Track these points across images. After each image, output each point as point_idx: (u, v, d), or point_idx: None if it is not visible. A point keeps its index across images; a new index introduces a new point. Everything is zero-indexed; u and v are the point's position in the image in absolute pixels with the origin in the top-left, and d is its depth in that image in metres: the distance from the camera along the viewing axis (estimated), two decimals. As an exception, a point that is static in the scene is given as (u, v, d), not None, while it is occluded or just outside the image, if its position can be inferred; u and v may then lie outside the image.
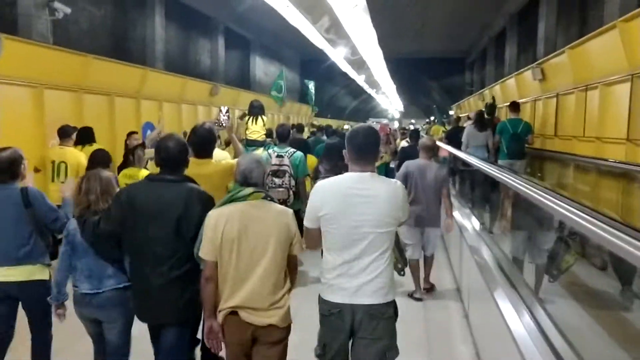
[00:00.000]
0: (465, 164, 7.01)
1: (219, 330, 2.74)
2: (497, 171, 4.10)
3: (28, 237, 3.38)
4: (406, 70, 29.04)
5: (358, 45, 16.43)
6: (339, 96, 30.77)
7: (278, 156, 5.66)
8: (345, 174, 2.68)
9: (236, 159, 3.55)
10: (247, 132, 7.58)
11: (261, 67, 23.47)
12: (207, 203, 2.89)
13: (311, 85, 16.30)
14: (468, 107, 19.55)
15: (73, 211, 3.24)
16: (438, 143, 6.88)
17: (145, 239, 2.87)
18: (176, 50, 15.75)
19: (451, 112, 26.29)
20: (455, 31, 21.10)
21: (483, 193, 6.53)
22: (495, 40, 20.20)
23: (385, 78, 27.01)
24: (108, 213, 3.00)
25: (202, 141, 3.77)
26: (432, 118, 41.42)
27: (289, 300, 2.78)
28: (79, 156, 6.09)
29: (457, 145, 8.78)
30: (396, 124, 29.10)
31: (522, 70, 11.06)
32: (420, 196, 5.40)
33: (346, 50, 17.68)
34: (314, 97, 16.29)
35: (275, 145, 6.08)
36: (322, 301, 2.68)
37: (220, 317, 2.72)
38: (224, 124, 4.83)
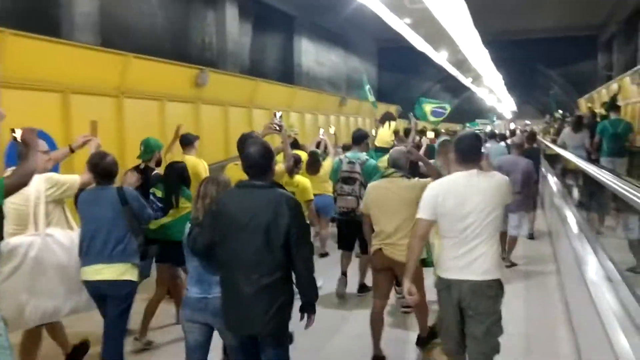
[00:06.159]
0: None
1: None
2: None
3: (123, 236, 3.63)
4: (514, 57, 23.79)
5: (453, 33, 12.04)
6: (432, 94, 26.19)
7: (349, 162, 5.66)
8: (455, 174, 3.25)
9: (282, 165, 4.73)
10: (375, 140, 8.02)
11: (311, 54, 18.28)
12: (296, 209, 2.95)
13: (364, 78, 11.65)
14: (607, 98, 14.00)
15: (191, 215, 3.29)
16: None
17: (235, 246, 2.93)
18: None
19: (558, 112, 20.41)
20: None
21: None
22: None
23: (490, 70, 22.09)
24: (203, 225, 3.06)
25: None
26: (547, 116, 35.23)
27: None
28: (197, 164, 6.15)
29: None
30: (512, 125, 24.14)
31: None
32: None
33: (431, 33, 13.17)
34: (368, 88, 11.23)
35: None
36: (437, 279, 3.34)
37: (371, 250, 4.33)
38: (278, 129, 4.71)
